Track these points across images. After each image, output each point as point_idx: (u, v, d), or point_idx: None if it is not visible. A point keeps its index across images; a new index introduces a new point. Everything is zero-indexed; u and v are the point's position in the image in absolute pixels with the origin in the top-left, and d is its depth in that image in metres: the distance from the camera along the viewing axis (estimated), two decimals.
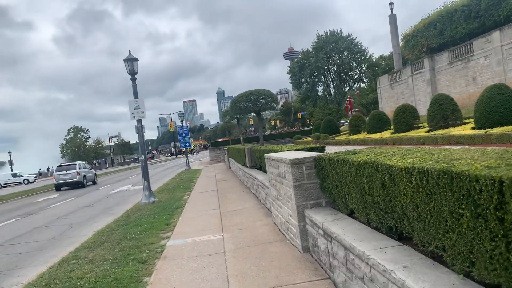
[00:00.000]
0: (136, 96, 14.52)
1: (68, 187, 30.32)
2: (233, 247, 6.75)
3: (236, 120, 26.85)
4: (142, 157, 14.70)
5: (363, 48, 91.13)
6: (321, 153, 6.08)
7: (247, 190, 14.31)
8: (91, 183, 32.77)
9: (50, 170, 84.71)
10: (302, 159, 5.87)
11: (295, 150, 8.53)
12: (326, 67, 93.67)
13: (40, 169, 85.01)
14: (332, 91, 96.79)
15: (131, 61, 14.28)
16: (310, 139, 35.30)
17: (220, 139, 62.73)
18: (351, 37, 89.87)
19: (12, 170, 65.95)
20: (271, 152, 9.25)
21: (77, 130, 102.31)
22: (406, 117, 21.13)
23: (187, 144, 36.74)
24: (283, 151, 8.82)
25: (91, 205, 17.48)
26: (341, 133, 35.15)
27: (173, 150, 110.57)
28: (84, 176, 31.05)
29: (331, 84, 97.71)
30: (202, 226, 8.89)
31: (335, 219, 5.00)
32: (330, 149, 11.41)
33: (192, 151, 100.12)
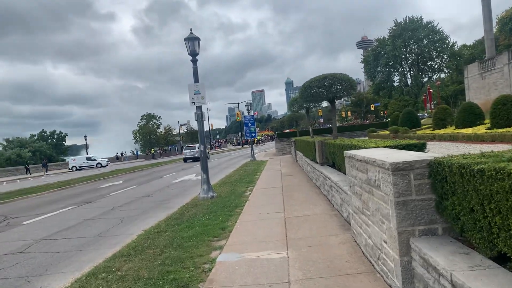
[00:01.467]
0: (196, 79, 13.18)
1: (191, 160, 43.99)
2: (301, 276, 5.00)
3: (305, 109, 24.88)
4: (201, 147, 13.37)
5: (445, 36, 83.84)
6: (437, 156, 4.10)
7: (316, 189, 12.47)
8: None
9: (124, 155, 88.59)
10: (409, 163, 3.95)
11: (384, 147, 6.55)
12: (403, 56, 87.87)
13: (116, 153, 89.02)
14: (409, 82, 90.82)
15: (192, 40, 12.95)
16: (386, 132, 32.38)
17: (287, 130, 60.97)
18: (432, 24, 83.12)
19: (87, 154, 69.36)
20: (352, 149, 7.35)
21: (149, 117, 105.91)
22: (507, 110, 17.90)
23: (253, 134, 35.45)
24: (368, 147, 6.87)
25: (150, 195, 16.63)
26: (422, 127, 31.83)
27: (239, 139, 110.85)
28: None
29: (408, 74, 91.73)
30: (263, 236, 7.24)
31: (472, 267, 3.06)
32: None
33: (258, 142, 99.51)
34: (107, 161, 61.33)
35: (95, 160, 60.43)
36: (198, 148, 45.31)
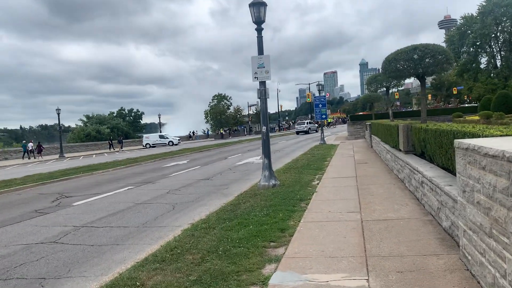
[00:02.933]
0: (261, 51, 11.56)
1: (303, 133, 58.86)
2: None
3: (385, 89, 22.24)
4: (264, 128, 11.79)
5: None
6: None
7: (399, 183, 10.43)
8: (314, 131, 59.68)
9: (195, 134, 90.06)
10: None
11: None
12: (493, 35, 78.98)
13: (189, 132, 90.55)
14: (498, 64, 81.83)
15: (257, 6, 11.30)
16: (475, 117, 28.69)
17: (361, 113, 57.61)
18: None
19: (160, 132, 71.26)
20: (462, 136, 5.36)
21: (220, 98, 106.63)
22: None
23: (323, 116, 33.23)
24: (490, 135, 4.84)
25: (210, 178, 15.53)
26: None
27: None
28: (309, 128, 61.29)
29: (497, 55, 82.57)
30: (333, 247, 5.55)
31: None
32: None
33: (329, 124, 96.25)
34: (179, 140, 62.42)
35: (167, 138, 61.79)
36: (306, 124, 62.12)
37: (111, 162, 26.62)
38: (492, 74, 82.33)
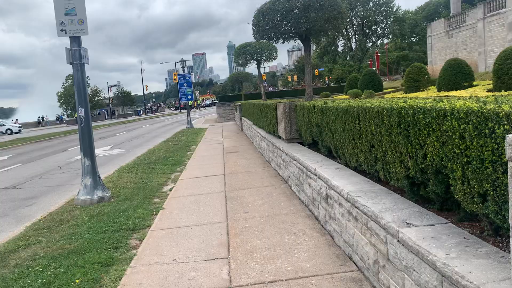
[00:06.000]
0: None
1: None
2: None
3: (255, 62, 19.27)
4: (80, 111, 7.60)
5: None
6: None
7: (281, 184, 7.40)
8: None
9: (46, 119, 78.62)
10: None
11: None
12: (348, 19, 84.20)
13: (38, 117, 78.61)
14: (353, 47, 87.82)
15: None
16: (344, 96, 27.99)
17: (229, 94, 55.25)
18: None
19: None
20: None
21: None
22: None
23: (189, 97, 29.40)
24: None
25: (18, 184, 10.77)
26: (385, 91, 27.76)
27: (179, 103, 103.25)
28: None
29: (353, 38, 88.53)
30: None
31: None
32: None
33: (198, 106, 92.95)
34: (19, 127, 52.43)
35: (4, 125, 51.40)
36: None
37: None
38: (348, 57, 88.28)
